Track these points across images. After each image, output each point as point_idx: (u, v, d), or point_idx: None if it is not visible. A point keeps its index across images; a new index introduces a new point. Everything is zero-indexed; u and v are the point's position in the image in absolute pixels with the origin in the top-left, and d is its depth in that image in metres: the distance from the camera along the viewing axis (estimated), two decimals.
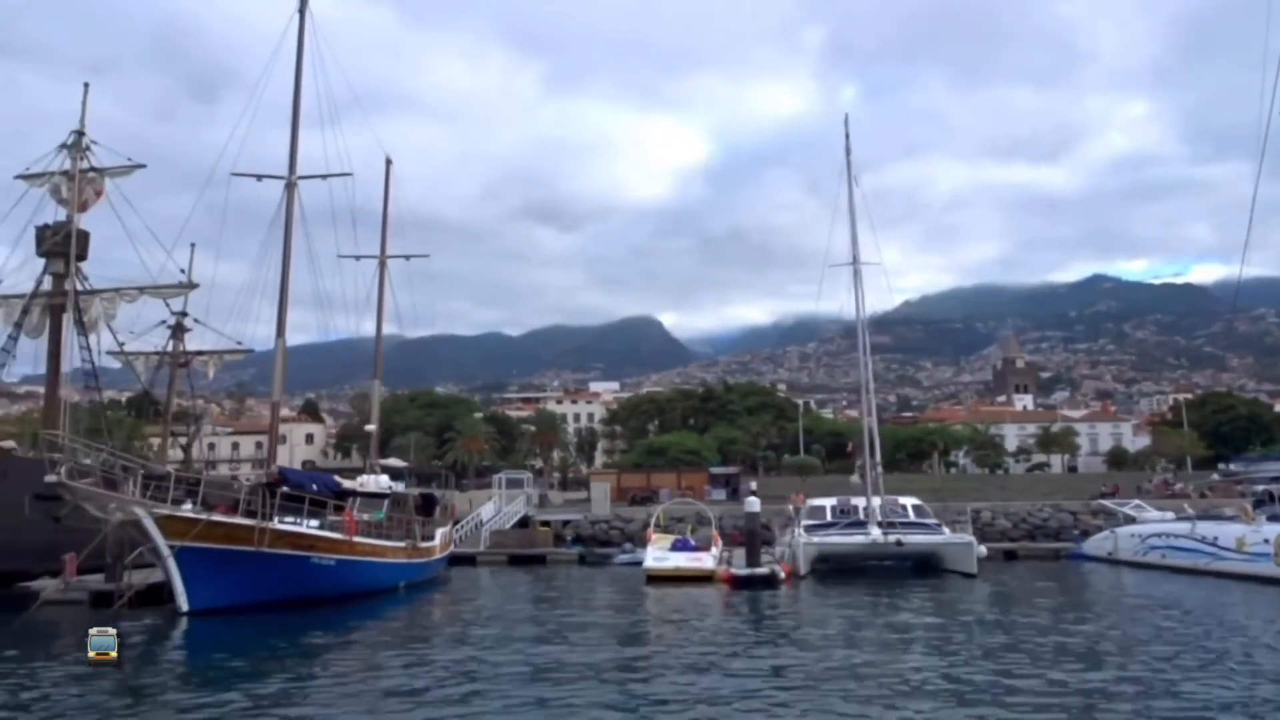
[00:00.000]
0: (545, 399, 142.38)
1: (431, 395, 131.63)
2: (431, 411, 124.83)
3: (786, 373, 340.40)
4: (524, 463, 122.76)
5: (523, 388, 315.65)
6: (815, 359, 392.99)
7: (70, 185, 32.53)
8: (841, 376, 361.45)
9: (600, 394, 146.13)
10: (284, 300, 25.97)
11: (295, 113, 26.57)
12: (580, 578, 34.67)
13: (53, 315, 32.17)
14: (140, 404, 44.72)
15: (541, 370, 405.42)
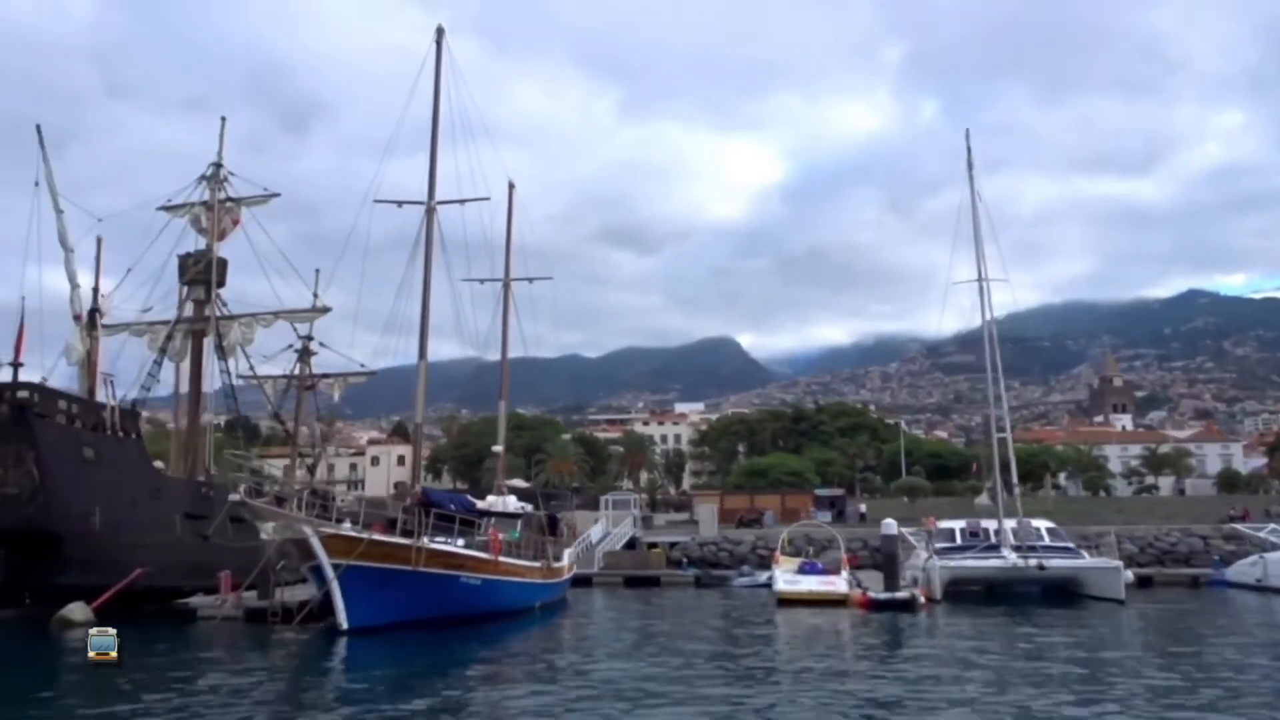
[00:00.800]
0: (631, 420, 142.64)
1: (519, 417, 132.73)
2: (520, 433, 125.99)
3: (868, 393, 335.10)
4: (613, 484, 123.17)
5: (602, 409, 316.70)
6: (897, 379, 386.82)
7: (209, 215, 33.81)
8: (925, 397, 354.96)
9: (686, 415, 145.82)
10: (425, 322, 26.60)
11: (434, 140, 27.20)
12: (701, 600, 34.41)
13: (194, 340, 33.39)
14: (233, 425, 46.16)
15: (620, 392, 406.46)
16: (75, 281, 27.59)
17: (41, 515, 24.62)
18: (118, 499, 26.44)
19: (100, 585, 24.91)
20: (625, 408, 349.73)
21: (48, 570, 24.65)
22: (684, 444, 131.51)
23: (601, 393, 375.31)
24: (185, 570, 27.72)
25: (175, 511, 28.80)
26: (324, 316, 35.25)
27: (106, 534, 25.74)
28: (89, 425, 26.54)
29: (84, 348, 27.85)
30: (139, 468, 28.36)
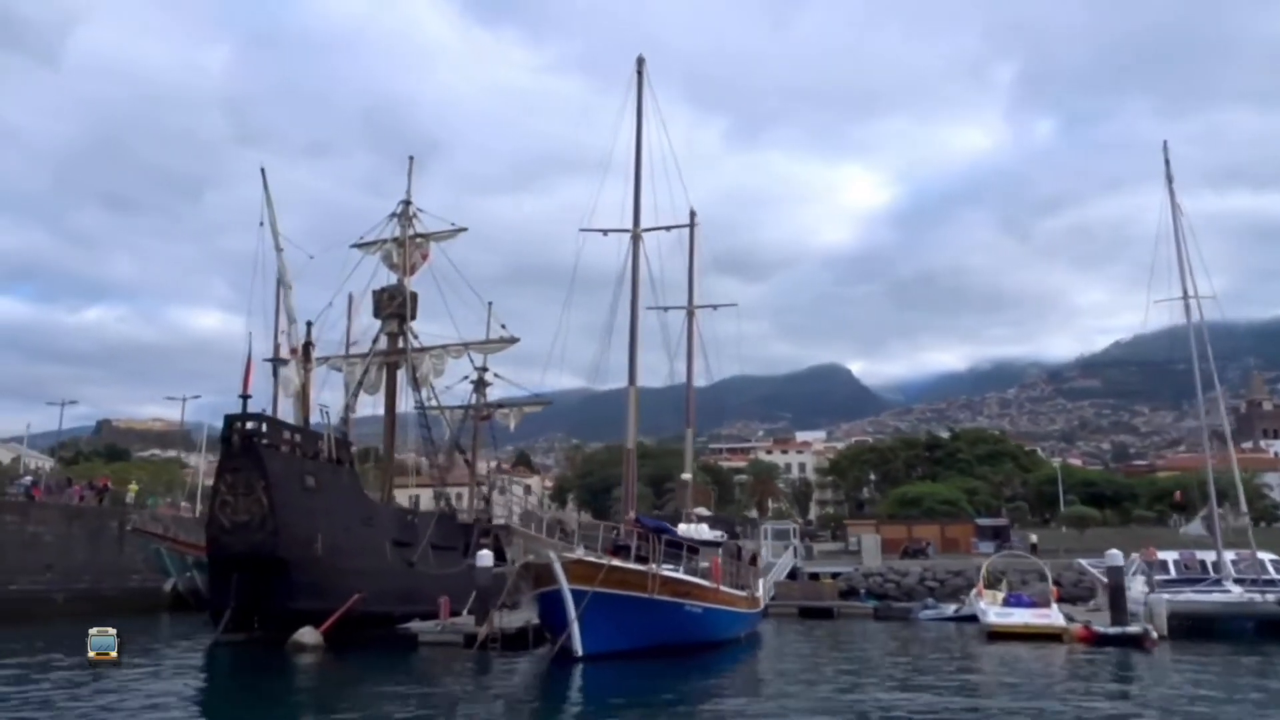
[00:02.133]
0: (754, 449, 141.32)
1: (644, 446, 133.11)
2: (645, 462, 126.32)
3: (986, 420, 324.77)
4: (742, 513, 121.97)
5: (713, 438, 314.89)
6: (1016, 405, 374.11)
7: (400, 251, 34.84)
8: (1047, 423, 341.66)
9: (810, 443, 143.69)
10: (634, 348, 26.70)
11: (638, 167, 27.42)
12: (888, 632, 33.39)
13: (388, 372, 34.31)
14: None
15: (729, 420, 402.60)
16: (293, 316, 28.77)
17: (271, 542, 25.49)
18: (336, 526, 27.23)
19: (323, 610, 25.62)
20: (736, 436, 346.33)
21: (277, 595, 25.46)
22: (809, 472, 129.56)
23: (711, 422, 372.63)
24: (395, 596, 28.32)
25: (385, 538, 29.53)
26: (510, 346, 35.90)
27: (327, 560, 26.51)
28: (309, 454, 27.46)
29: (299, 380, 28.91)
30: (353, 495, 29.21)
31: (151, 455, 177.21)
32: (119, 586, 42.55)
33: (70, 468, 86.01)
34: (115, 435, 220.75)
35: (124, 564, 43.36)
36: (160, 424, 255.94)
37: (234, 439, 25.76)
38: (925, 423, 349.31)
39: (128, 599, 42.36)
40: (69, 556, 40.16)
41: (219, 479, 26.18)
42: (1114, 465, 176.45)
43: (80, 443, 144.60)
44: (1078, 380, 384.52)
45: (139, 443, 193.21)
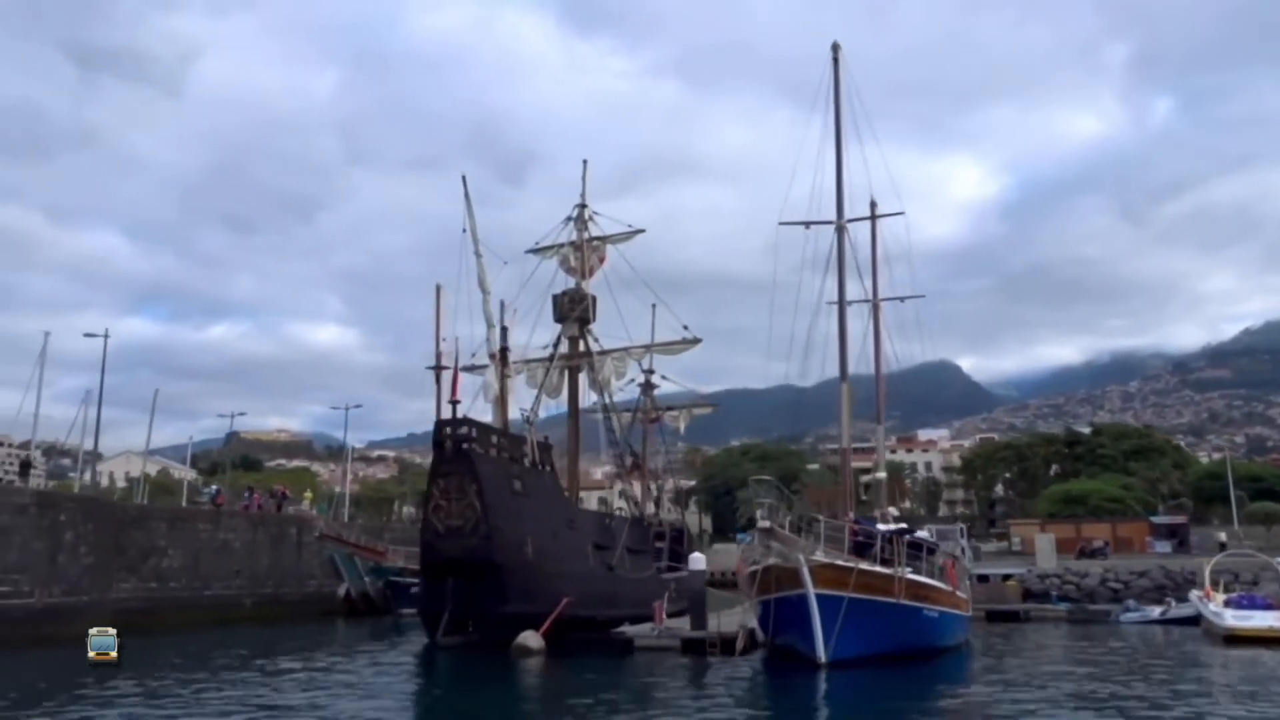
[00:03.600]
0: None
1: (763, 448, 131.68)
2: (766, 463, 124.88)
3: (1107, 414, 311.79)
4: (871, 514, 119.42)
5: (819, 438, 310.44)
6: (1140, 398, 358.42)
7: (578, 255, 34.81)
8: (1174, 417, 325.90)
9: (936, 442, 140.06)
10: (843, 344, 25.96)
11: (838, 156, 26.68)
12: (1094, 637, 31.70)
13: (570, 376, 34.29)
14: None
15: (834, 420, 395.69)
16: (491, 322, 28.92)
17: (485, 546, 25.59)
18: (543, 530, 27.23)
19: (534, 614, 25.57)
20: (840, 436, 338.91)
21: (491, 599, 25.53)
22: (936, 471, 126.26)
23: (816, 422, 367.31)
24: (598, 600, 28.16)
25: (587, 542, 29.46)
26: (693, 348, 35.47)
27: (537, 564, 26.49)
28: (515, 459, 27.54)
29: (498, 384, 29.08)
30: (557, 499, 29.23)
31: (278, 464, 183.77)
32: (299, 591, 43.82)
33: (213, 477, 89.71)
34: (244, 446, 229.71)
35: (302, 569, 44.63)
36: (286, 435, 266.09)
37: (446, 444, 25.95)
38: (1041, 419, 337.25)
39: (306, 603, 43.61)
40: (255, 562, 41.48)
41: (432, 484, 26.41)
42: (1256, 459, 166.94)
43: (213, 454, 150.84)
44: (1205, 371, 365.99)
45: (266, 453, 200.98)
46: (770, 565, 20.65)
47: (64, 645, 29.26)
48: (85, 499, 34.99)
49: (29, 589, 29.55)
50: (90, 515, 32.92)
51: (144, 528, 36.42)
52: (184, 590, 37.56)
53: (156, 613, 35.15)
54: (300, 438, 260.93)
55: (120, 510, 35.46)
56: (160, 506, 41.58)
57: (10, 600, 28.93)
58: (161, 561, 36.96)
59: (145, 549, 36.27)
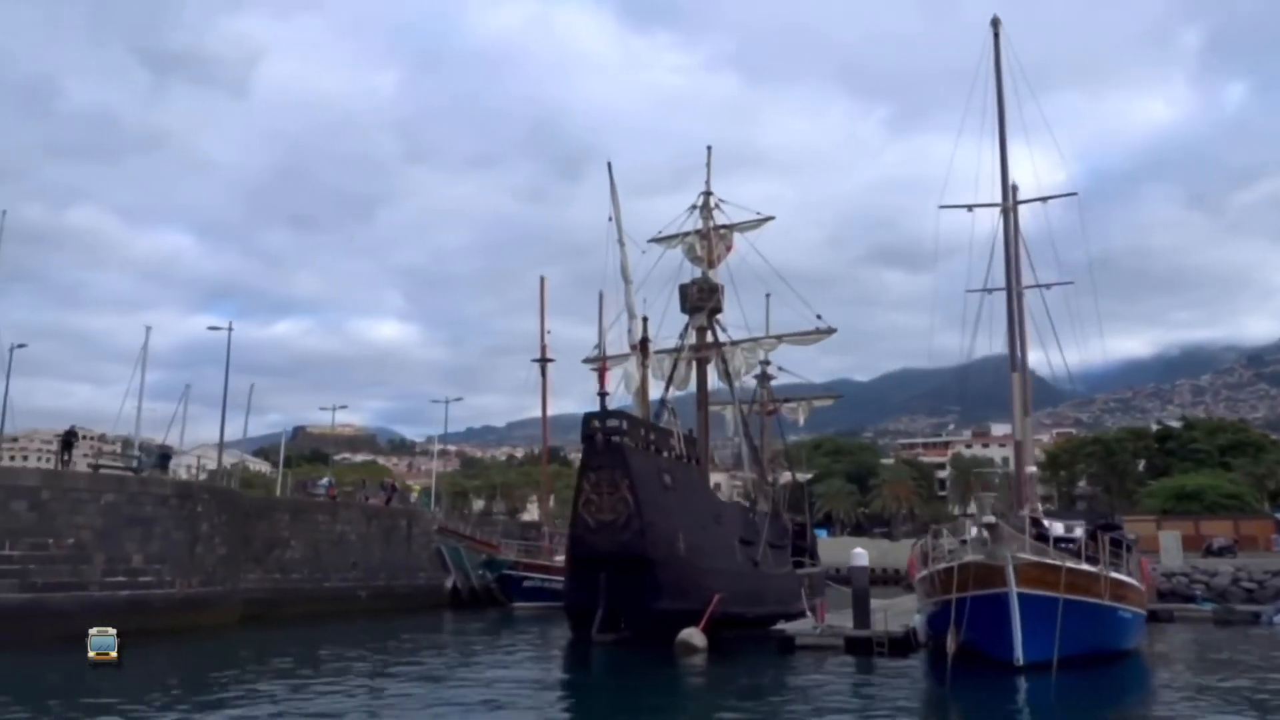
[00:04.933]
0: (953, 442, 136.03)
1: (835, 442, 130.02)
2: (838, 458, 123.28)
3: (1176, 408, 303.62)
4: (948, 511, 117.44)
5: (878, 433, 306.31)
6: (1211, 392, 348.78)
7: (703, 243, 34.07)
8: (1248, 411, 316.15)
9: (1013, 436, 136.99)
10: (1021, 331, 24.94)
11: (1002, 137, 25.59)
12: (1249, 640, 30.23)
13: (698, 367, 33.60)
14: None
15: (894, 415, 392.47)
16: (634, 312, 28.35)
17: (637, 541, 25.01)
18: (693, 524, 26.60)
19: (687, 611, 24.91)
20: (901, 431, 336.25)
21: (645, 595, 24.94)
22: (1011, 466, 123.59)
23: (874, 417, 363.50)
24: (745, 597, 27.45)
25: (733, 537, 28.78)
26: (827, 338, 34.51)
27: (689, 559, 25.85)
28: (663, 451, 26.94)
29: (639, 376, 28.51)
30: (704, 493, 28.60)
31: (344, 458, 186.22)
32: (409, 584, 43.83)
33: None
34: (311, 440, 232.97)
35: (412, 562, 44.63)
36: (350, 429, 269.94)
37: (597, 438, 25.41)
38: (1108, 413, 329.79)
39: (416, 596, 43.61)
40: (369, 555, 41.51)
41: (582, 478, 25.89)
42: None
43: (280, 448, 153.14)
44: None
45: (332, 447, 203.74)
46: (967, 562, 19.72)
47: (201, 635, 29.49)
48: (218, 490, 35.16)
49: (170, 579, 29.69)
50: (224, 506, 33.05)
51: (268, 519, 36.57)
52: (305, 582, 37.66)
53: (280, 604, 35.31)
54: (363, 432, 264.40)
55: (247, 501, 35.58)
56: (283, 498, 41.74)
57: (153, 590, 29.06)
58: (284, 553, 37.10)
59: (269, 540, 36.42)
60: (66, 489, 27.77)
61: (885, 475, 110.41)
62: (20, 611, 25.82)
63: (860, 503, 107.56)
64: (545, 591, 43.22)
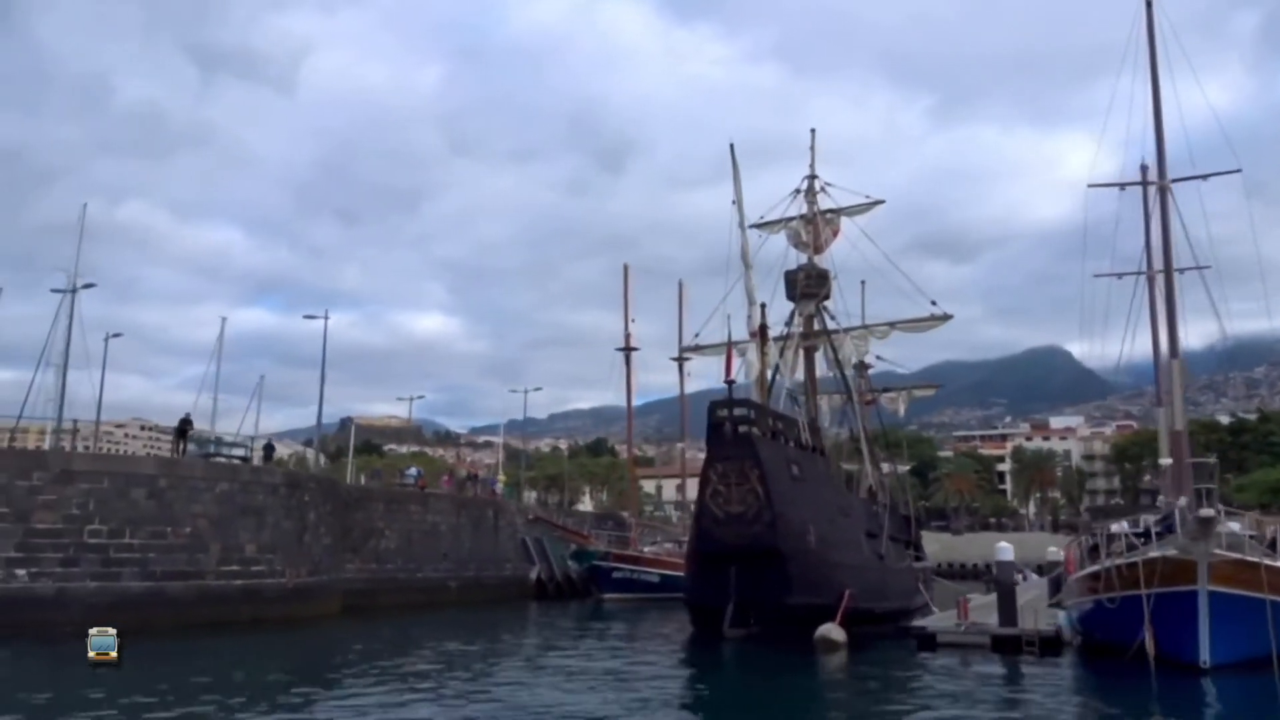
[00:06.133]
0: (1013, 435, 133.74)
1: (896, 434, 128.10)
2: (895, 450, 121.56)
3: (1230, 401, 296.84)
4: (1008, 504, 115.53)
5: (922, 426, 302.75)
6: (1267, 384, 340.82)
7: (808, 228, 33.20)
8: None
9: (1074, 429, 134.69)
10: (1172, 313, 23.88)
11: (1157, 107, 24.33)
12: None
13: (806, 356, 32.77)
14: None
15: (940, 408, 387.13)
16: (753, 298, 27.60)
17: (768, 534, 24.26)
18: (821, 517, 25.80)
19: (819, 606, 24.11)
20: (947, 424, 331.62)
21: (776, 590, 24.19)
22: (1074, 460, 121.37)
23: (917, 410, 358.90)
24: (872, 591, 26.60)
25: (860, 530, 27.96)
26: (942, 325, 33.45)
27: (819, 553, 25.06)
28: (789, 441, 26.17)
29: (759, 363, 27.77)
30: (831, 485, 27.81)
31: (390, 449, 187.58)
32: (496, 575, 43.52)
33: (335, 462, 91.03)
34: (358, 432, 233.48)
35: (499, 553, 44.28)
36: (396, 420, 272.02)
37: (726, 427, 24.67)
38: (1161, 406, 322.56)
39: (503, 587, 43.27)
40: (459, 545, 41.21)
41: (709, 468, 25.14)
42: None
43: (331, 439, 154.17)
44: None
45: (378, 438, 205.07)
46: (1153, 558, 18.73)
47: (308, 625, 29.24)
48: (323, 479, 34.97)
49: (280, 569, 29.46)
50: (328, 496, 32.81)
51: (365, 509, 36.32)
52: (399, 572, 37.41)
53: (376, 593, 35.07)
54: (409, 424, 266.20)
55: (345, 491, 35.32)
56: (378, 488, 41.55)
57: (265, 580, 28.84)
58: (380, 543, 36.86)
59: (366, 530, 36.18)
60: (183, 477, 27.59)
61: (946, 468, 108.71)
62: (141, 599, 25.66)
63: (921, 496, 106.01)
64: (635, 583, 42.72)
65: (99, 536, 25.45)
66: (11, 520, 24.48)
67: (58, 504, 25.09)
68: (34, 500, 24.83)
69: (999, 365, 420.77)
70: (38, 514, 24.79)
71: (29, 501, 24.78)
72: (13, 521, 24.50)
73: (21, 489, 24.79)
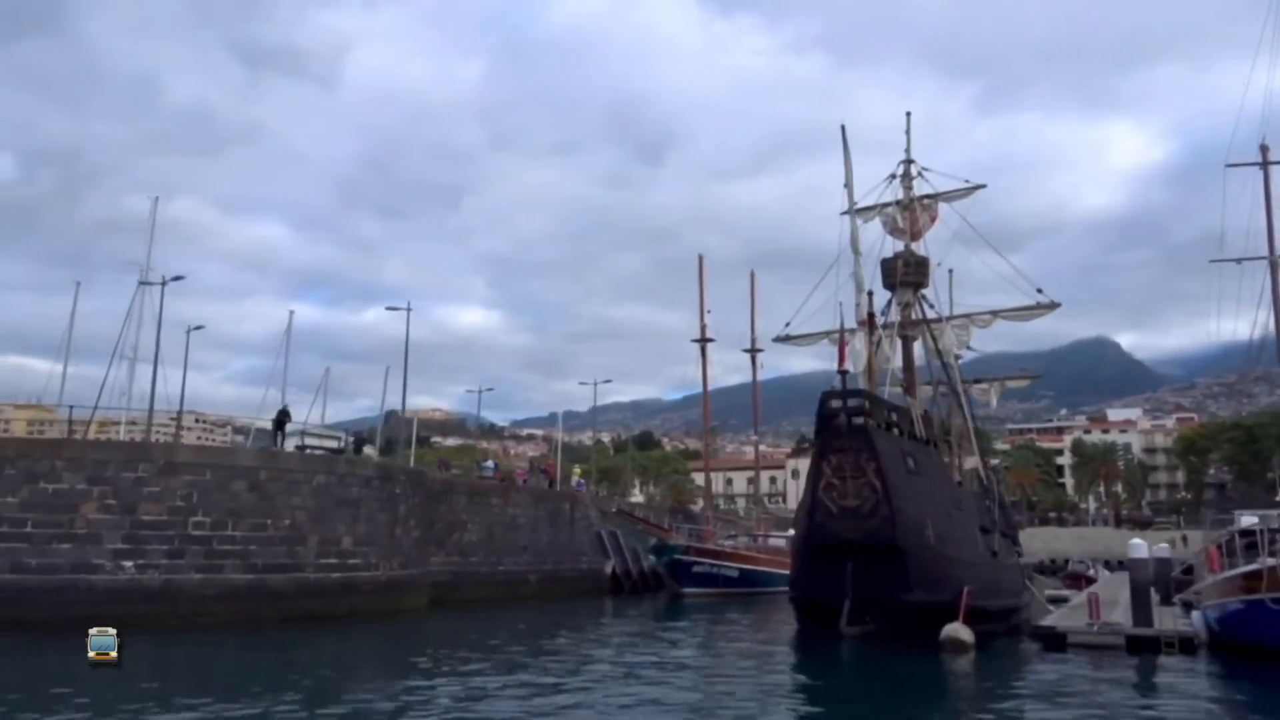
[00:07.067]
0: (1071, 428, 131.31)
1: None
2: None
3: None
4: (1069, 498, 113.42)
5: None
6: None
7: (904, 214, 32.24)
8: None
9: (1134, 421, 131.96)
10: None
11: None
12: None
13: (904, 345, 31.85)
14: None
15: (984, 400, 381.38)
16: (861, 285, 26.76)
17: (886, 529, 23.43)
18: (938, 511, 24.92)
19: (937, 603, 23.24)
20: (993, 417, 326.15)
21: (893, 587, 23.36)
22: (1135, 453, 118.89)
23: None
24: (987, 589, 25.66)
25: (974, 525, 27.06)
26: (1049, 313, 32.32)
27: (937, 549, 24.19)
28: (903, 433, 25.32)
29: (867, 353, 26.96)
30: (945, 478, 26.95)
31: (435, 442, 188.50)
32: (573, 569, 43.04)
33: (386, 454, 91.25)
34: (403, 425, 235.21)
35: (575, 546, 43.81)
36: (441, 414, 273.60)
37: (840, 418, 23.87)
38: (1212, 398, 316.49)
39: (580, 581, 42.80)
40: (537, 538, 40.79)
41: (822, 460, 24.36)
42: None
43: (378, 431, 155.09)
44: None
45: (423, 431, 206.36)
46: None
47: (401, 619, 28.91)
48: (412, 471, 34.69)
49: (375, 561, 29.16)
50: (417, 488, 32.49)
51: (448, 502, 35.96)
52: (482, 565, 37.06)
53: (459, 586, 34.71)
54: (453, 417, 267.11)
55: (430, 483, 34.99)
56: (461, 480, 41.24)
57: (361, 573, 28.55)
58: (463, 536, 36.52)
59: (450, 522, 35.83)
60: (282, 470, 27.35)
61: (1005, 461, 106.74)
62: (244, 592, 25.48)
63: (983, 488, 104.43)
64: (716, 577, 42.06)
65: (202, 529, 25.28)
66: (119, 512, 24.36)
67: (162, 495, 24.95)
68: (140, 492, 24.70)
69: (1048, 357, 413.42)
70: (144, 506, 24.65)
71: (135, 493, 24.65)
72: (120, 513, 24.38)
73: (127, 481, 24.66)
